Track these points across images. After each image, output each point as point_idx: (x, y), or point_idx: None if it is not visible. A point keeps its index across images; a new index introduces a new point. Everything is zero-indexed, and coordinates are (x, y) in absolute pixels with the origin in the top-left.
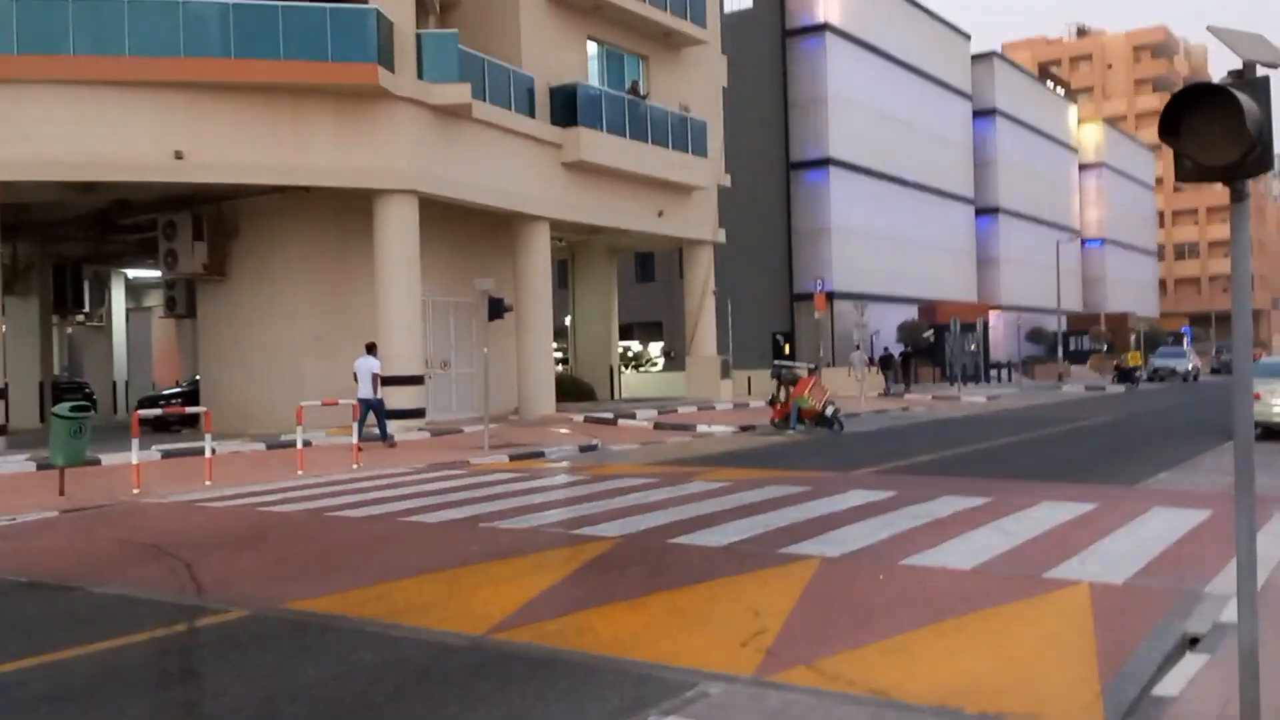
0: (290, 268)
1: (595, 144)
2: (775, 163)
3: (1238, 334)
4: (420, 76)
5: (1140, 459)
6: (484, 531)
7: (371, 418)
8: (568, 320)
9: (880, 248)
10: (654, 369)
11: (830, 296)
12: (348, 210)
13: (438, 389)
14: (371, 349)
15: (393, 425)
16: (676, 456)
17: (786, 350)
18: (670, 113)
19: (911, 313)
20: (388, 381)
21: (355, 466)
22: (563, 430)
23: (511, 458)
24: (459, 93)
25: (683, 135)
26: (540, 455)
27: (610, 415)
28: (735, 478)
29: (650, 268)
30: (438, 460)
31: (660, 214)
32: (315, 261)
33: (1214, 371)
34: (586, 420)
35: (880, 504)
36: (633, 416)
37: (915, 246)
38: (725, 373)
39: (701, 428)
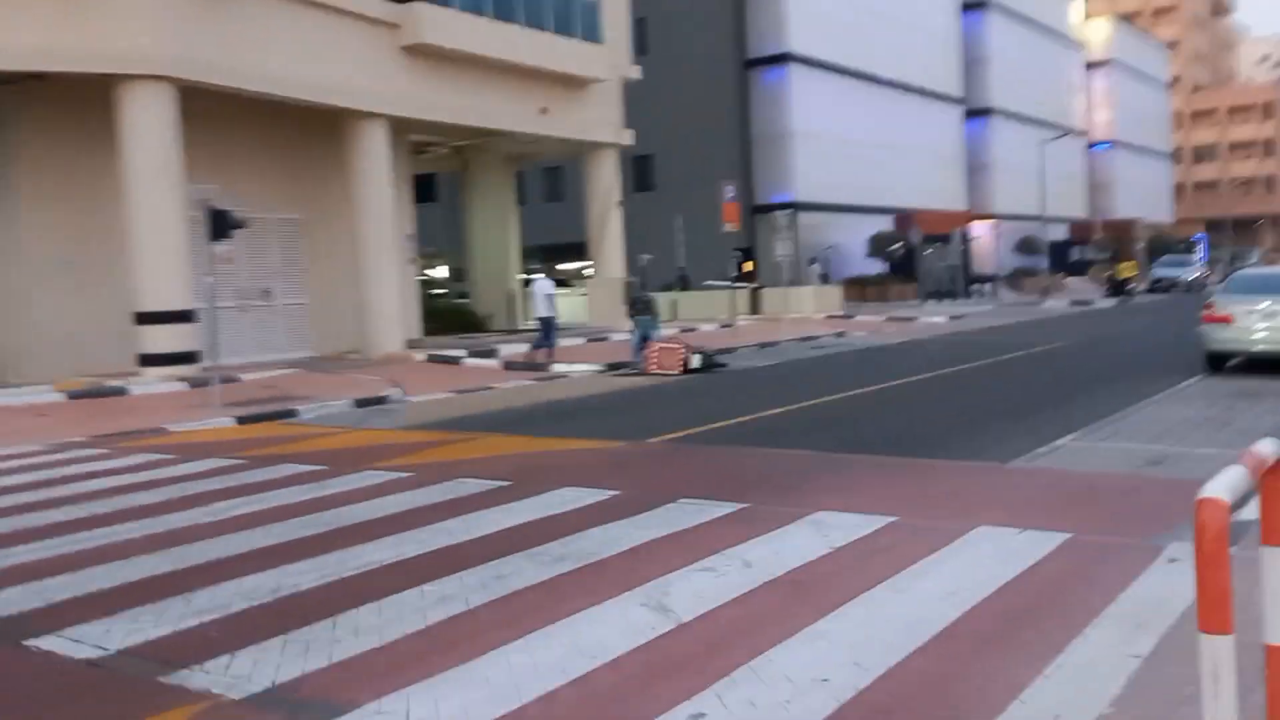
0: (31, 176)
1: (443, 23)
2: (729, 61)
3: None
4: None
5: (1054, 409)
6: None
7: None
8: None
9: (852, 154)
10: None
11: (794, 208)
12: (102, 104)
13: (256, 325)
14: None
15: (151, 374)
16: (470, 413)
17: (749, 267)
18: None
19: (888, 224)
20: (143, 319)
21: None
22: (372, 377)
23: (242, 420)
24: None
25: (568, 17)
26: (290, 415)
27: (458, 354)
28: (476, 456)
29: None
30: (128, 427)
31: (544, 111)
32: (62, 169)
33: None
34: (430, 360)
35: (567, 519)
36: (493, 354)
37: (893, 152)
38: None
39: (559, 368)
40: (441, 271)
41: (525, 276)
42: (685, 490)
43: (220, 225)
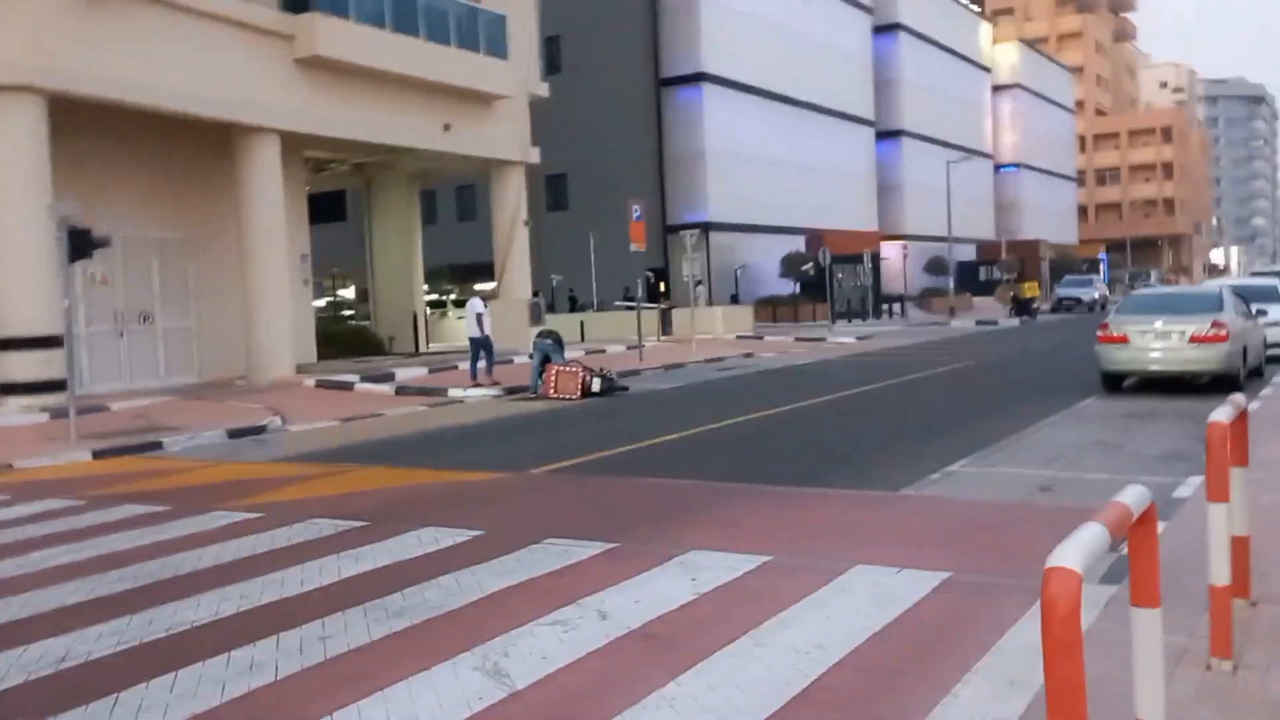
0: None
1: (340, 35)
2: (643, 80)
3: None
4: None
5: (952, 432)
6: None
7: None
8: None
9: (766, 173)
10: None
11: (707, 228)
12: None
13: (134, 350)
14: (477, 292)
15: (12, 404)
16: (352, 442)
17: (662, 288)
18: (454, 2)
19: (800, 244)
20: (3, 346)
21: None
22: (254, 405)
23: (99, 454)
24: None
25: (472, 31)
26: (154, 448)
27: (351, 379)
28: (341, 492)
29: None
30: None
31: (447, 128)
32: None
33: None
34: (318, 385)
35: (418, 565)
36: (390, 378)
37: (806, 173)
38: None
39: (454, 392)
40: (350, 293)
41: (434, 296)
42: (555, 528)
43: (80, 244)
